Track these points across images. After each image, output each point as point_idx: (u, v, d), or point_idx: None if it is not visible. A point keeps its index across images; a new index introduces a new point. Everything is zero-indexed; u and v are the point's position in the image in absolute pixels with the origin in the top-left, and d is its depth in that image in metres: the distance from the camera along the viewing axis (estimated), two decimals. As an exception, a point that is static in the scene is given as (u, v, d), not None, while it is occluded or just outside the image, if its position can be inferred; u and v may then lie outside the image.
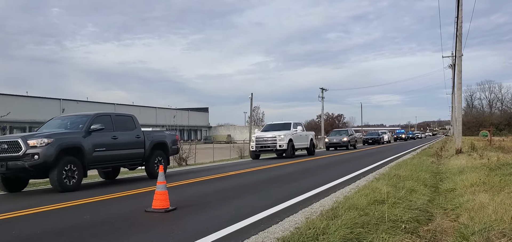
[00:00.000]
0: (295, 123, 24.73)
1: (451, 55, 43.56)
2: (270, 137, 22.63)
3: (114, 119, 12.01)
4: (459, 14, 19.94)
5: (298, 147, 23.89)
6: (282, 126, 24.45)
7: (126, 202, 8.44)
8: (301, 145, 24.59)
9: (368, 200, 6.54)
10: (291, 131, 23.38)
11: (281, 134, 22.49)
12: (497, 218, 5.09)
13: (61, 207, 7.82)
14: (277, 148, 22.28)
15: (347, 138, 35.46)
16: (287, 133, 22.86)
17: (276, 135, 22.56)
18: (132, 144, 12.22)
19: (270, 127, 25.02)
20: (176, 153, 15.64)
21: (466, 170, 10.97)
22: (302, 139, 24.61)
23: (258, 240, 4.87)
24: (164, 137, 13.69)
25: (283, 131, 23.14)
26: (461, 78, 20.73)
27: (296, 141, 23.47)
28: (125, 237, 5.21)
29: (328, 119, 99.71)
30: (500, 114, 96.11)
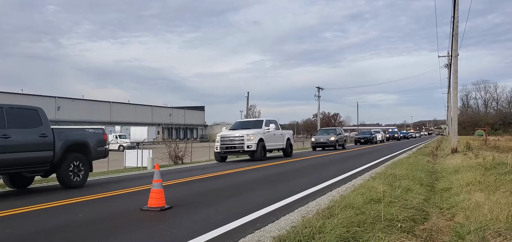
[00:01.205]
0: (268, 120, 21.94)
1: (447, 55, 43.82)
2: (237, 136, 19.60)
3: (6, 113, 9.43)
4: (455, 14, 19.99)
5: (271, 147, 21.30)
6: (253, 123, 21.92)
7: (122, 200, 8.40)
8: (275, 145, 21.85)
9: (364, 199, 6.55)
10: (262, 129, 20.51)
11: (250, 133, 19.60)
12: (493, 217, 5.10)
13: (56, 205, 7.78)
14: (244, 149, 19.40)
15: (334, 137, 32.75)
16: (257, 131, 19.98)
17: (243, 134, 19.59)
18: (34, 145, 9.79)
19: (239, 125, 22.29)
20: (103, 156, 12.14)
21: (461, 169, 11.00)
22: (276, 138, 21.83)
23: (255, 238, 4.86)
24: (84, 136, 11.33)
25: (252, 129, 20.36)
26: (457, 78, 20.79)
27: (269, 140, 20.74)
28: (120, 236, 5.18)
29: (324, 118, 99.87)
30: (496, 114, 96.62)
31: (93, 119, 64.81)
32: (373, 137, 48.14)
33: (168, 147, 23.28)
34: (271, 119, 22.19)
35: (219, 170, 15.13)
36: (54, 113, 63.62)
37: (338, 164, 16.55)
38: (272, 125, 21.20)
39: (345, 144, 35.07)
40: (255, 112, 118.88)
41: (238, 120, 23.88)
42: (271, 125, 21.13)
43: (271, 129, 20.99)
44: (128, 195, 9.08)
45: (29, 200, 8.65)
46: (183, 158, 22.83)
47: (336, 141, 32.34)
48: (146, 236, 5.15)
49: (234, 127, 21.83)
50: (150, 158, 19.97)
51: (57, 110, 64.23)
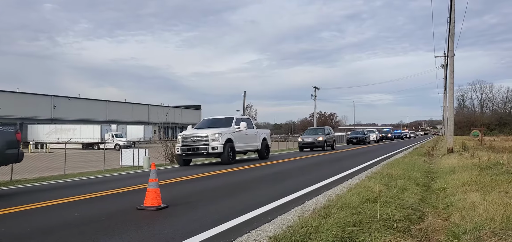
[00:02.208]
0: (240, 118, 19.93)
1: (444, 55, 43.97)
2: (201, 136, 17.23)
3: None
4: (452, 14, 20.05)
5: (242, 149, 19.09)
6: (222, 121, 19.19)
7: (118, 199, 8.38)
8: (248, 147, 19.62)
9: (360, 198, 6.56)
10: (232, 128, 18.14)
11: (216, 132, 17.14)
12: (488, 217, 5.12)
13: (52, 204, 7.76)
14: (208, 151, 16.90)
15: (323, 137, 30.84)
16: (224, 130, 17.55)
17: (208, 133, 17.21)
18: None
19: (207, 123, 19.63)
20: (15, 160, 10.03)
21: (457, 169, 11.04)
22: (249, 138, 19.46)
23: (251, 238, 4.86)
24: None
25: (220, 127, 17.97)
26: (453, 78, 20.87)
27: (239, 141, 18.42)
28: (116, 235, 5.16)
29: (320, 118, 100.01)
30: (491, 114, 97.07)
31: (89, 118, 64.61)
32: (366, 137, 46.61)
33: (165, 146, 23.24)
34: (242, 117, 20.22)
35: (216, 169, 15.12)
36: (50, 112, 63.38)
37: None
38: (244, 123, 18.84)
39: (334, 144, 33.44)
40: (251, 112, 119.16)
41: (207, 117, 21.02)
42: (242, 123, 18.74)
43: (242, 127, 18.55)
44: (124, 194, 9.06)
45: (25, 198, 8.62)
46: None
47: (325, 141, 30.69)
48: (142, 235, 5.14)
49: (200, 125, 19.40)
50: (147, 157, 19.92)
51: (53, 109, 63.95)
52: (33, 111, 60.31)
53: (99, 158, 21.43)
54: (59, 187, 10.80)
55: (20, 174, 14.10)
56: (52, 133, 55.21)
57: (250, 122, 20.48)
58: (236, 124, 18.62)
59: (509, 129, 75.35)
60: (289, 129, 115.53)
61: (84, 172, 16.84)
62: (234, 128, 18.25)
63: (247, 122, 19.66)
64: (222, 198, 8.01)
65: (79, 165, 21.86)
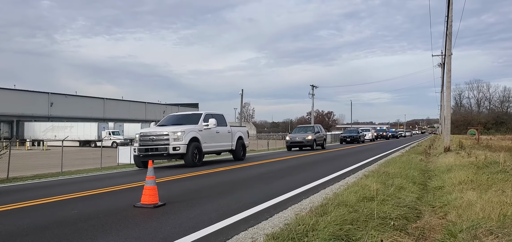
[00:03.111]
0: (209, 114, 17.24)
1: (441, 54, 44.02)
2: (161, 134, 15.09)
3: None
4: (450, 14, 20.09)
5: (212, 149, 17.01)
6: (190, 117, 17.17)
7: (116, 196, 8.37)
8: (219, 146, 17.55)
9: (357, 196, 6.57)
10: (198, 125, 16.02)
11: (178, 130, 15.02)
12: (485, 216, 5.13)
13: (49, 201, 7.74)
14: (169, 152, 14.70)
15: (312, 135, 29.19)
16: (189, 128, 15.40)
17: (169, 131, 15.07)
18: None
19: (171, 119, 17.40)
20: None
21: (454, 168, 11.07)
22: (220, 137, 17.31)
23: (248, 236, 4.86)
24: None
25: (184, 125, 15.82)
26: (450, 77, 20.90)
27: (208, 140, 16.29)
28: (113, 233, 5.15)
29: (318, 116, 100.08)
30: (488, 113, 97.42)
31: (86, 116, 64.42)
32: (360, 135, 44.89)
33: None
34: (212, 113, 17.61)
35: (212, 167, 15.11)
36: (47, 109, 63.14)
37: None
38: (213, 119, 16.52)
39: (324, 144, 32.07)
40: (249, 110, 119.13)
41: (172, 113, 18.60)
42: (211, 120, 16.45)
43: (210, 125, 16.32)
44: (121, 191, 9.05)
45: (22, 196, 8.60)
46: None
47: (314, 140, 29.08)
48: (139, 233, 5.13)
49: (164, 122, 17.12)
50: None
51: (50, 106, 63.69)
52: (30, 108, 60.07)
53: (96, 156, 21.37)
54: (56, 184, 10.78)
55: (17, 172, 14.06)
56: (49, 130, 55.03)
57: (222, 118, 18.24)
58: (205, 120, 16.49)
59: (505, 128, 75.61)
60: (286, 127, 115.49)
61: (81, 169, 16.80)
62: (202, 125, 16.17)
63: (218, 118, 17.47)
64: (220, 196, 8.00)
65: (76, 163, 21.82)
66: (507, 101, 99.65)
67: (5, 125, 56.72)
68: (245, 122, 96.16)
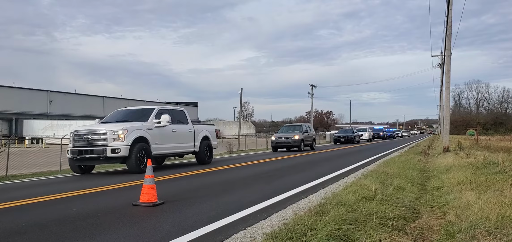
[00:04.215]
0: (163, 109, 14.62)
1: (440, 54, 44.01)
2: (99, 132, 12.54)
3: None
4: (449, 14, 20.09)
5: (166, 151, 14.35)
6: (139, 113, 14.37)
7: (114, 195, 8.36)
8: (177, 148, 14.85)
9: (356, 196, 6.57)
10: (148, 123, 13.43)
11: (119, 128, 12.50)
12: (483, 216, 5.14)
13: (47, 199, 7.73)
14: (107, 155, 12.15)
15: (299, 135, 27.24)
16: (133, 126, 12.86)
17: (108, 129, 12.46)
18: None
19: (117, 115, 14.56)
20: None
21: (453, 168, 11.08)
22: (177, 137, 14.61)
23: (247, 235, 4.86)
24: None
25: (130, 121, 13.34)
26: (449, 77, 20.91)
27: (161, 140, 13.71)
28: (111, 231, 5.15)
29: (317, 116, 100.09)
30: (487, 114, 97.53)
31: (85, 114, 64.35)
32: (355, 135, 42.91)
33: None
34: (168, 108, 15.10)
35: (211, 166, 15.11)
36: (46, 107, 63.09)
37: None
38: (166, 116, 13.69)
39: (314, 144, 29.99)
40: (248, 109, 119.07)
41: (121, 108, 15.73)
42: (164, 117, 13.64)
43: (163, 121, 13.60)
44: (120, 190, 9.04)
45: (21, 193, 8.59)
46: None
47: (302, 140, 27.20)
48: (138, 231, 5.13)
49: (109, 119, 14.39)
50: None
51: (49, 104, 63.64)
52: (29, 106, 60.03)
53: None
54: (54, 182, 10.77)
55: (15, 169, 14.05)
56: (48, 128, 55.00)
57: (181, 115, 15.51)
58: (157, 117, 13.75)
59: (504, 129, 75.69)
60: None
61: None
62: (152, 123, 13.52)
63: (175, 114, 14.93)
64: (219, 195, 8.00)
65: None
66: (506, 102, 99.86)
67: (4, 123, 56.66)
68: (244, 121, 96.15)
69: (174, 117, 14.46)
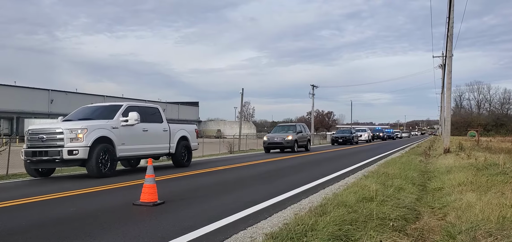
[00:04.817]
0: (132, 105, 13.05)
1: (442, 55, 43.97)
2: (54, 131, 11.04)
3: None
4: (451, 15, 20.07)
5: (134, 153, 12.85)
6: (104, 110, 12.80)
7: (115, 194, 8.36)
8: (147, 150, 13.07)
9: (356, 197, 6.57)
10: (113, 121, 11.92)
11: (77, 126, 11.03)
12: (484, 218, 5.13)
13: (48, 198, 7.73)
14: (64, 157, 10.68)
15: (293, 136, 26.11)
16: (96, 124, 11.44)
17: (65, 128, 10.98)
18: None
19: (81, 113, 13.01)
20: None
21: (453, 169, 11.07)
22: (148, 137, 13.11)
23: (247, 235, 4.86)
24: None
25: (92, 120, 11.88)
26: (451, 78, 20.89)
27: (128, 141, 12.19)
28: (112, 231, 5.15)
29: (318, 116, 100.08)
30: (488, 115, 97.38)
31: (86, 113, 64.34)
32: (353, 136, 41.56)
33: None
34: (139, 105, 13.69)
35: (212, 166, 15.11)
36: (47, 106, 63.16)
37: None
38: (134, 113, 12.15)
39: (309, 145, 28.86)
40: (249, 109, 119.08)
41: (87, 105, 14.60)
42: (132, 114, 12.11)
43: (131, 120, 12.09)
44: (121, 189, 9.04)
45: (21, 192, 8.59)
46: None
47: (295, 140, 26.06)
48: (138, 231, 5.13)
49: (72, 117, 12.77)
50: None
51: (50, 103, 63.72)
52: (30, 105, 60.08)
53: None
54: (54, 181, 10.76)
55: (16, 168, 14.05)
56: (49, 127, 54.98)
57: (154, 113, 14.00)
58: (124, 114, 12.28)
59: (505, 130, 75.59)
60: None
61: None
62: (118, 121, 12.02)
63: (146, 112, 13.41)
64: (219, 195, 8.00)
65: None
66: (507, 103, 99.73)
67: (5, 122, 56.73)
68: (245, 121, 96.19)
69: (145, 115, 13.12)
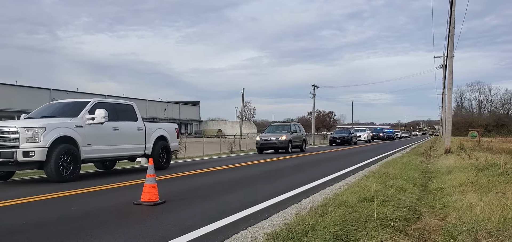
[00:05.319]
0: (100, 102, 11.86)
1: (443, 55, 43.97)
2: (10, 130, 9.84)
3: None
4: (452, 15, 20.05)
5: (102, 155, 11.50)
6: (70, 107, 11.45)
7: (116, 194, 8.36)
8: (118, 151, 11.97)
9: (357, 197, 6.56)
10: (77, 119, 10.74)
11: (34, 125, 9.86)
12: (485, 218, 5.12)
13: (48, 197, 7.73)
14: (18, 159, 9.60)
15: (287, 136, 24.77)
16: (56, 123, 10.27)
17: (20, 127, 9.82)
18: None
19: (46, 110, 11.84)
20: None
21: (454, 169, 11.06)
22: (120, 137, 11.90)
23: (248, 235, 4.85)
24: None
25: (52, 118, 10.76)
26: (452, 78, 20.88)
27: (95, 141, 11.04)
28: (112, 230, 5.15)
29: (319, 116, 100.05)
30: (489, 115, 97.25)
31: (87, 113, 64.40)
32: (352, 136, 40.48)
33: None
34: (105, 102, 12.16)
35: (213, 166, 15.11)
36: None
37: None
38: (101, 111, 10.96)
39: (304, 145, 27.65)
40: (250, 109, 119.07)
41: (52, 102, 13.48)
42: (99, 112, 10.94)
43: (97, 118, 10.91)
44: (121, 188, 9.04)
45: (21, 191, 8.59)
46: (177, 152, 22.76)
47: (289, 141, 24.76)
48: (139, 230, 5.12)
49: (34, 115, 11.65)
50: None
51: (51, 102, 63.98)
52: (31, 104, 59.75)
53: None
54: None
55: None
56: (49, 127, 55.02)
57: (128, 110, 12.73)
58: (91, 112, 11.05)
59: (506, 130, 75.53)
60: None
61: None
62: (84, 119, 10.83)
63: (116, 109, 12.15)
64: (220, 194, 7.99)
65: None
66: (509, 103, 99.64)
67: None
68: (245, 121, 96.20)
69: (116, 113, 11.95)
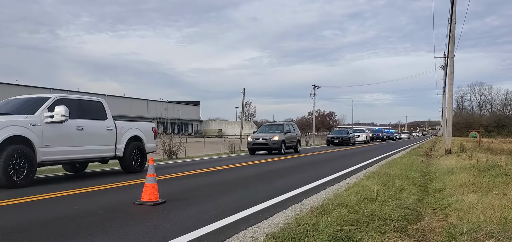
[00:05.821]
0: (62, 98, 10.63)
1: (444, 56, 43.95)
2: None
3: None
4: (453, 16, 20.03)
5: (63, 157, 10.34)
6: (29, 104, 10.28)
7: (116, 193, 8.37)
8: (83, 153, 10.75)
9: (358, 197, 6.56)
10: (34, 117, 9.58)
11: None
12: (486, 219, 5.12)
13: (49, 197, 7.74)
14: None
15: (280, 136, 23.59)
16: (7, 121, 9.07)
17: None
18: None
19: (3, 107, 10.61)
20: None
21: (455, 170, 11.05)
22: (86, 138, 10.72)
23: (248, 235, 4.85)
24: None
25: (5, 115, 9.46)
26: (452, 79, 20.86)
27: (56, 142, 9.90)
28: (113, 230, 5.15)
29: (319, 116, 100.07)
30: (490, 116, 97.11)
31: (87, 112, 64.37)
32: (350, 137, 39.58)
33: (163, 141, 23.21)
34: (67, 98, 10.90)
35: (213, 166, 15.11)
36: (48, 105, 63.31)
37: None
38: (62, 108, 9.78)
39: (298, 146, 26.52)
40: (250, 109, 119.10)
41: (11, 97, 12.22)
42: (59, 109, 9.75)
43: (57, 116, 9.73)
44: (122, 188, 9.04)
45: (22, 191, 8.59)
46: (177, 152, 22.77)
47: (283, 141, 23.56)
48: (139, 230, 5.13)
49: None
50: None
51: (52, 102, 63.99)
52: (32, 104, 60.21)
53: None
54: (56, 180, 10.77)
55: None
56: (50, 126, 55.02)
57: (97, 107, 11.68)
58: (51, 109, 9.89)
59: (507, 131, 75.45)
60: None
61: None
62: (41, 117, 9.68)
63: (81, 106, 10.99)
64: (221, 194, 8.00)
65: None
66: (509, 104, 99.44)
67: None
68: (246, 121, 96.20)
69: (81, 111, 10.82)
